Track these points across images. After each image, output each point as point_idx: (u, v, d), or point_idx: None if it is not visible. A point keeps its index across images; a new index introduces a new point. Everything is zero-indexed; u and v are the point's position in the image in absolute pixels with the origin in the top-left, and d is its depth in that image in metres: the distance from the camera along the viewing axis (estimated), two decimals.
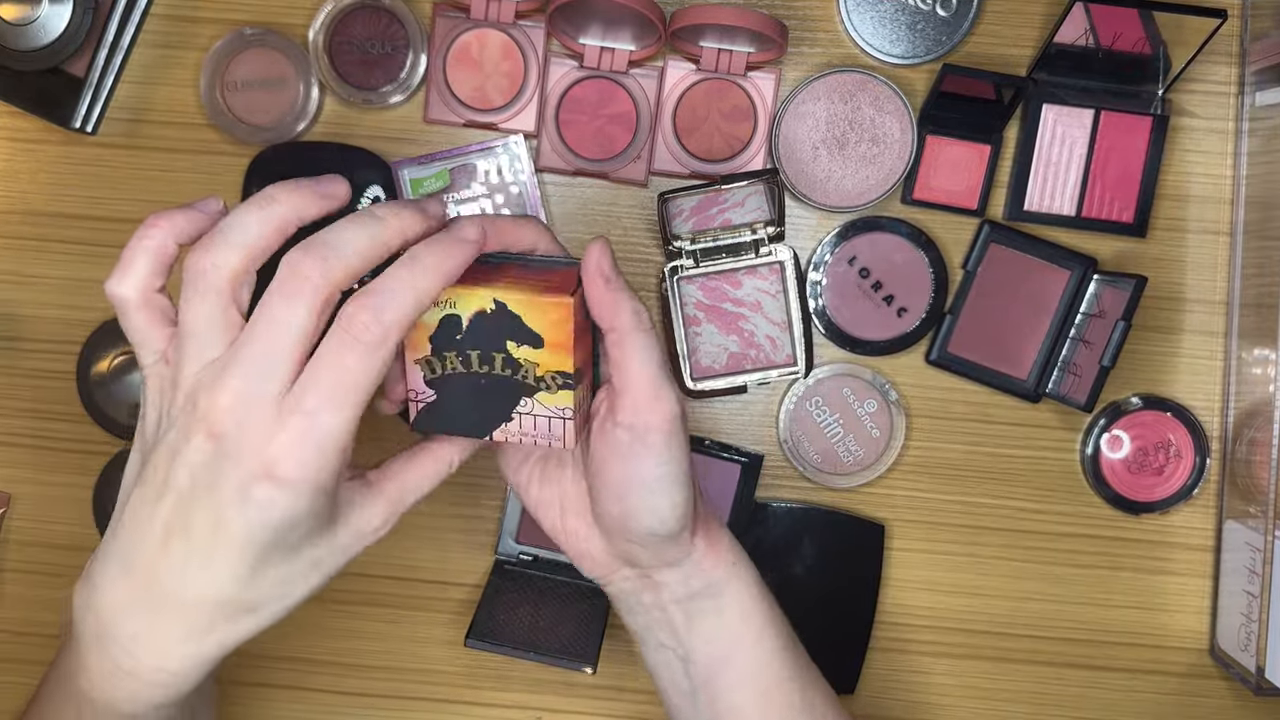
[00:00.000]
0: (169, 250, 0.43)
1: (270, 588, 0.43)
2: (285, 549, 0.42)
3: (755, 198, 0.62)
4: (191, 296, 0.41)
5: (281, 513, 0.40)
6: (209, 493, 0.40)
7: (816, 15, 0.67)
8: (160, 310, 0.43)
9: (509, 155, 0.66)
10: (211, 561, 0.41)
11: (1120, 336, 0.63)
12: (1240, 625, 0.65)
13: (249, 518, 0.40)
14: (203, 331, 0.41)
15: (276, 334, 0.39)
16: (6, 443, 0.69)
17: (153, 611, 0.42)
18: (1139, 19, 0.62)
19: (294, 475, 0.39)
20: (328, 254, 0.40)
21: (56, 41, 0.64)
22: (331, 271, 0.40)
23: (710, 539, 0.51)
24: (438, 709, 0.69)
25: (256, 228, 0.41)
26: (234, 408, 0.39)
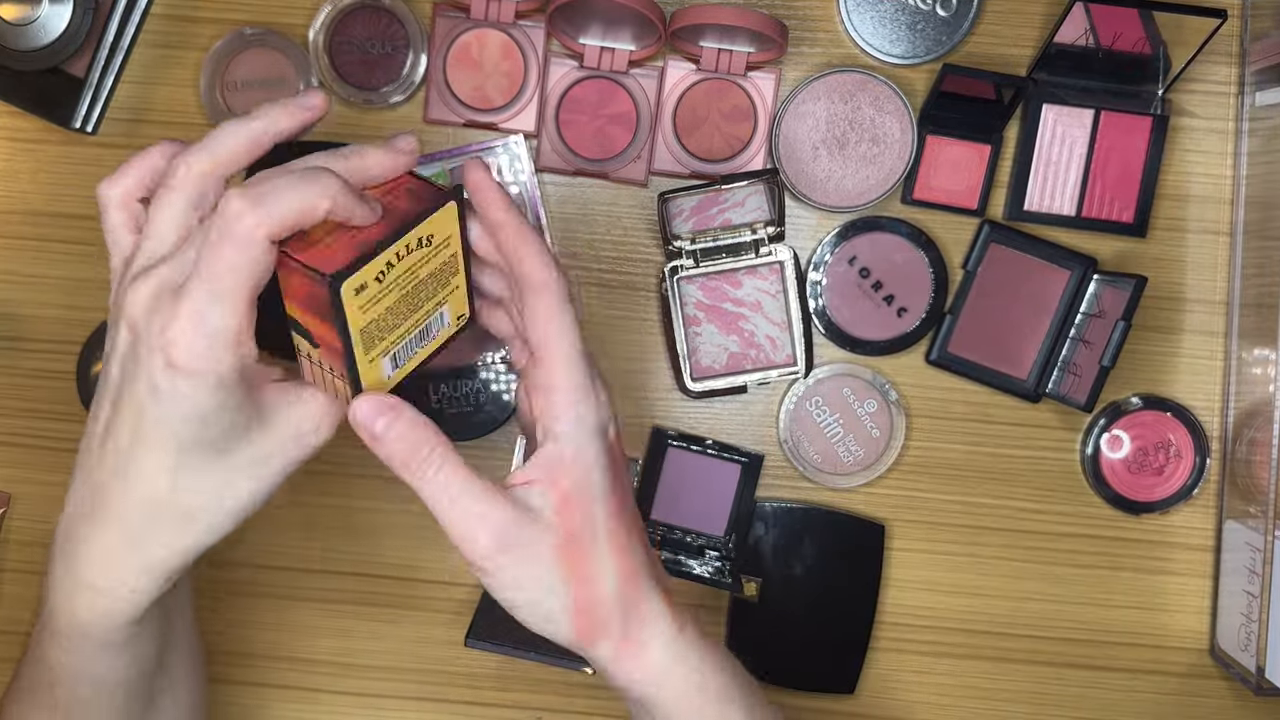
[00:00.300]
0: (160, 171, 0.44)
1: (202, 490, 0.42)
2: (208, 446, 0.41)
3: (755, 198, 0.62)
4: (160, 193, 0.42)
5: (187, 403, 0.40)
6: (130, 385, 0.41)
7: (816, 15, 0.67)
8: (135, 216, 0.45)
9: (509, 155, 0.66)
10: (135, 458, 0.41)
11: (1120, 336, 0.63)
12: (1240, 625, 0.65)
13: (161, 409, 0.40)
14: (159, 229, 0.42)
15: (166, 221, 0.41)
16: (6, 443, 0.69)
17: (98, 517, 0.43)
18: (1139, 19, 0.62)
19: (189, 364, 0.39)
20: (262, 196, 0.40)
21: (56, 41, 0.64)
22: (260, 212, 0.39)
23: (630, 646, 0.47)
24: (438, 709, 0.69)
25: (230, 138, 0.42)
26: (147, 298, 0.40)
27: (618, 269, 0.68)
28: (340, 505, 0.69)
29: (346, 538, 0.69)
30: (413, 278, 0.43)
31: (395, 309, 0.43)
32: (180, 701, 0.53)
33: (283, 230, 0.40)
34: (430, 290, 0.45)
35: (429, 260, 0.44)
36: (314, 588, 0.69)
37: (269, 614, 0.69)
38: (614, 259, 0.68)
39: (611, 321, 0.68)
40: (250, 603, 0.69)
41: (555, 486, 0.45)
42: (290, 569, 0.69)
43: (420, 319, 0.45)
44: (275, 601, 0.69)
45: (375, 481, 0.69)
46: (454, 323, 0.47)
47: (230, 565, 0.69)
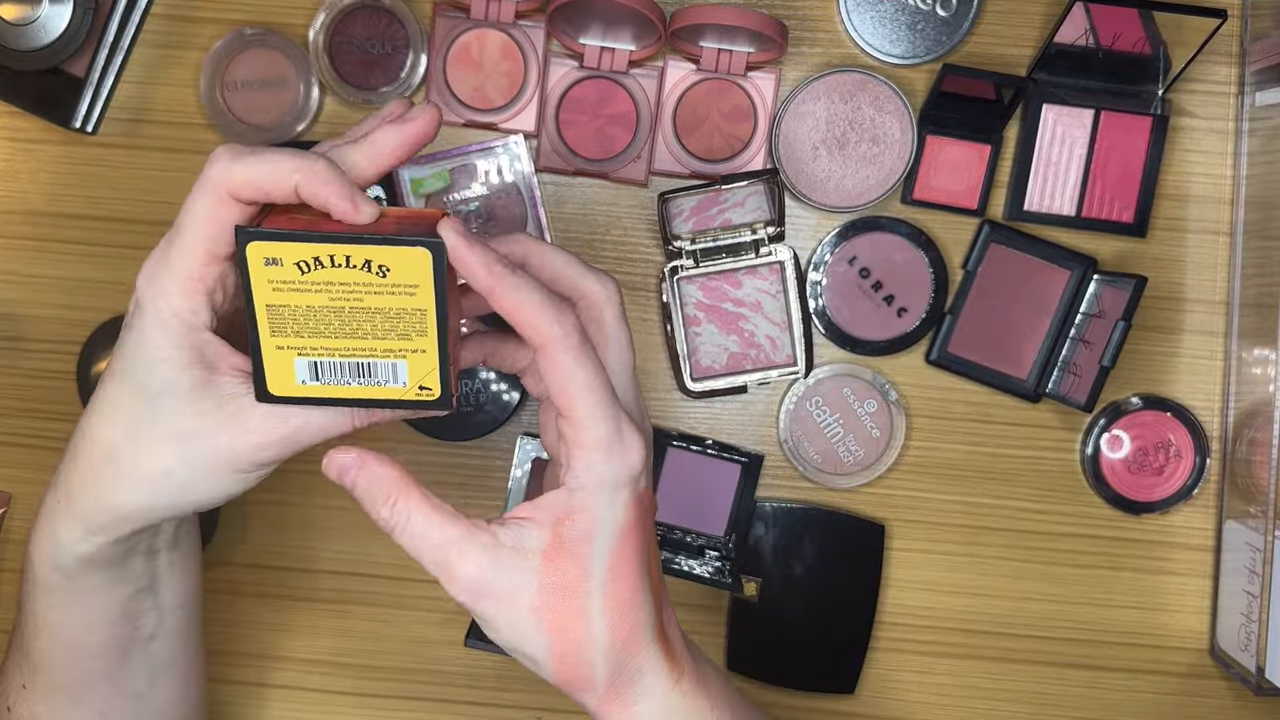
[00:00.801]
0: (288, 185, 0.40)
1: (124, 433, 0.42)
2: (141, 389, 0.42)
3: (755, 198, 0.62)
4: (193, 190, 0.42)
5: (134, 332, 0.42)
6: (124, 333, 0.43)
7: (816, 15, 0.67)
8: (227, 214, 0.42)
9: (509, 155, 0.66)
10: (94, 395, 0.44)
11: (1120, 336, 0.63)
12: (1240, 625, 0.65)
13: (121, 339, 0.42)
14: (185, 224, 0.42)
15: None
16: (6, 443, 0.69)
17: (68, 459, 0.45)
18: (1139, 19, 0.62)
19: (144, 290, 0.41)
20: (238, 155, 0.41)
21: (56, 41, 0.64)
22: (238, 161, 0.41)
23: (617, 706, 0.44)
24: (438, 709, 0.69)
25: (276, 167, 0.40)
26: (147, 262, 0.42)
27: (618, 269, 0.68)
28: (340, 505, 0.69)
29: (346, 538, 0.69)
30: (353, 298, 0.40)
31: (321, 316, 0.41)
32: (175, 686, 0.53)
33: (244, 189, 0.40)
34: (379, 328, 0.41)
35: (381, 293, 0.40)
36: (314, 588, 0.69)
37: (269, 614, 0.69)
38: (614, 259, 0.68)
39: None
40: (250, 603, 0.69)
41: (552, 532, 0.42)
42: (290, 569, 0.69)
43: (361, 350, 0.42)
44: (275, 601, 0.69)
45: None
46: (414, 389, 0.43)
47: (230, 565, 0.69)
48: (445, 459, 0.68)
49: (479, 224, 0.67)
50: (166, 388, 0.42)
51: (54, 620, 0.47)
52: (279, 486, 0.68)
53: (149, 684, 0.51)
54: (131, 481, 0.43)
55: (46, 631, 0.48)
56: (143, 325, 0.41)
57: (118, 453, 0.43)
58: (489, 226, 0.67)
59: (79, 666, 0.49)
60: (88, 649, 0.48)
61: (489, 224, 0.67)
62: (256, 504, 0.69)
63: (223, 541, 0.69)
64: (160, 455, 0.42)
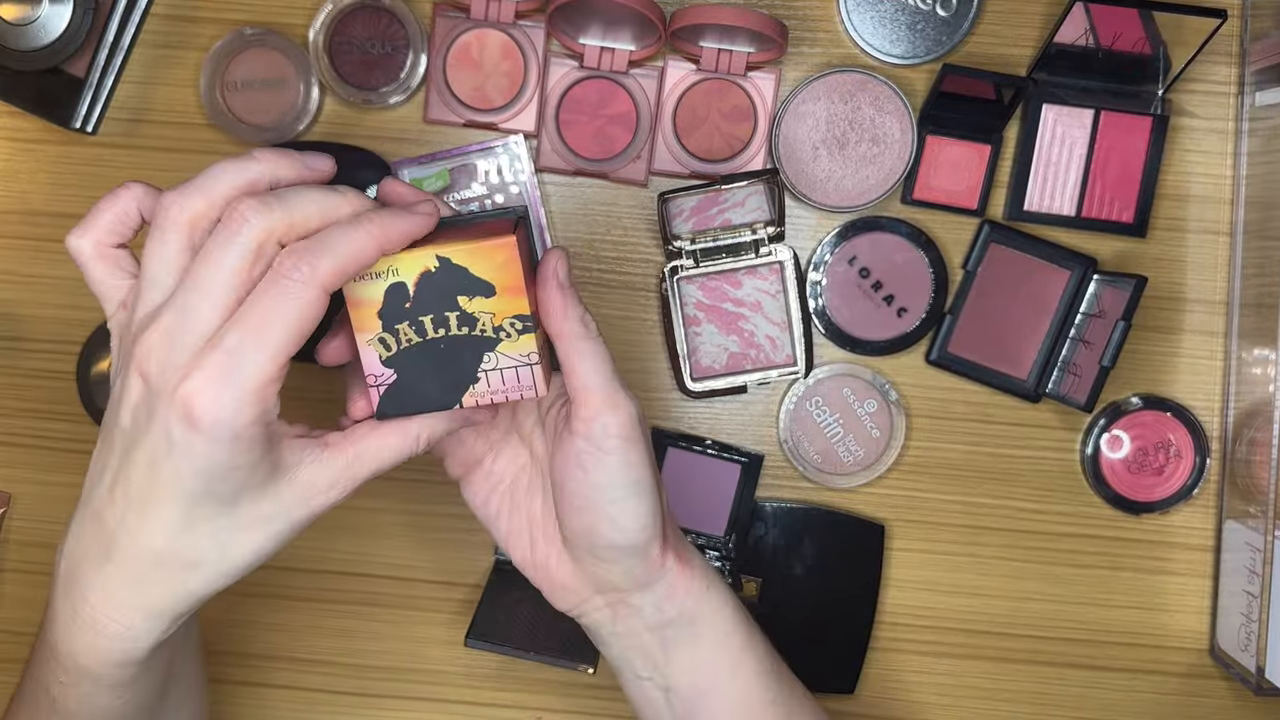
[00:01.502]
0: (131, 215, 0.43)
1: (208, 541, 0.42)
2: (218, 499, 0.41)
3: (755, 198, 0.62)
4: (152, 236, 0.41)
5: (201, 459, 0.39)
6: (144, 434, 0.40)
7: (816, 15, 0.67)
8: (117, 262, 0.44)
9: (509, 155, 0.66)
10: (146, 509, 0.41)
11: (1120, 336, 0.63)
12: (1240, 625, 0.65)
13: (175, 462, 0.39)
14: (157, 273, 0.41)
15: (207, 273, 0.39)
16: (6, 443, 0.69)
17: (104, 559, 0.42)
18: (1139, 19, 0.62)
19: (209, 416, 0.38)
20: (272, 201, 0.40)
21: (56, 41, 0.64)
22: (271, 216, 0.39)
23: (683, 561, 0.50)
24: (438, 709, 0.69)
25: (227, 177, 0.41)
26: (159, 345, 0.39)
27: (618, 269, 0.68)
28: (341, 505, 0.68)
29: (346, 538, 0.69)
30: None
31: None
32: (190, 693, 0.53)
33: (340, 283, 0.40)
34: None
35: None
36: (314, 588, 0.69)
37: (269, 614, 0.69)
38: (614, 259, 0.68)
39: (611, 321, 0.68)
40: (250, 603, 0.69)
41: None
42: (290, 569, 0.69)
43: None
44: (275, 601, 0.69)
45: (376, 482, 0.68)
46: None
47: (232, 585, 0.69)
48: None
49: None
50: (243, 490, 0.41)
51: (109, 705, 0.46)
52: None
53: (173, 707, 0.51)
54: (219, 576, 0.43)
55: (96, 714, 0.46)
56: (209, 443, 0.39)
57: (202, 560, 0.42)
58: None
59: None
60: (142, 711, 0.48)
61: None
62: None
63: None
64: (248, 546, 0.43)
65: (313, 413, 0.69)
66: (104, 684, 0.45)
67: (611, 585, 0.49)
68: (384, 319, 0.43)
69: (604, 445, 0.46)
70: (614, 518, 0.47)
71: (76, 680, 0.45)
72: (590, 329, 0.46)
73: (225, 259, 0.39)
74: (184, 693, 0.52)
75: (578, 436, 0.46)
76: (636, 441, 0.47)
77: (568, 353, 0.46)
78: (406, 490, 0.69)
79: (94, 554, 0.43)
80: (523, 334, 0.44)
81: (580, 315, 0.46)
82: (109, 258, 0.44)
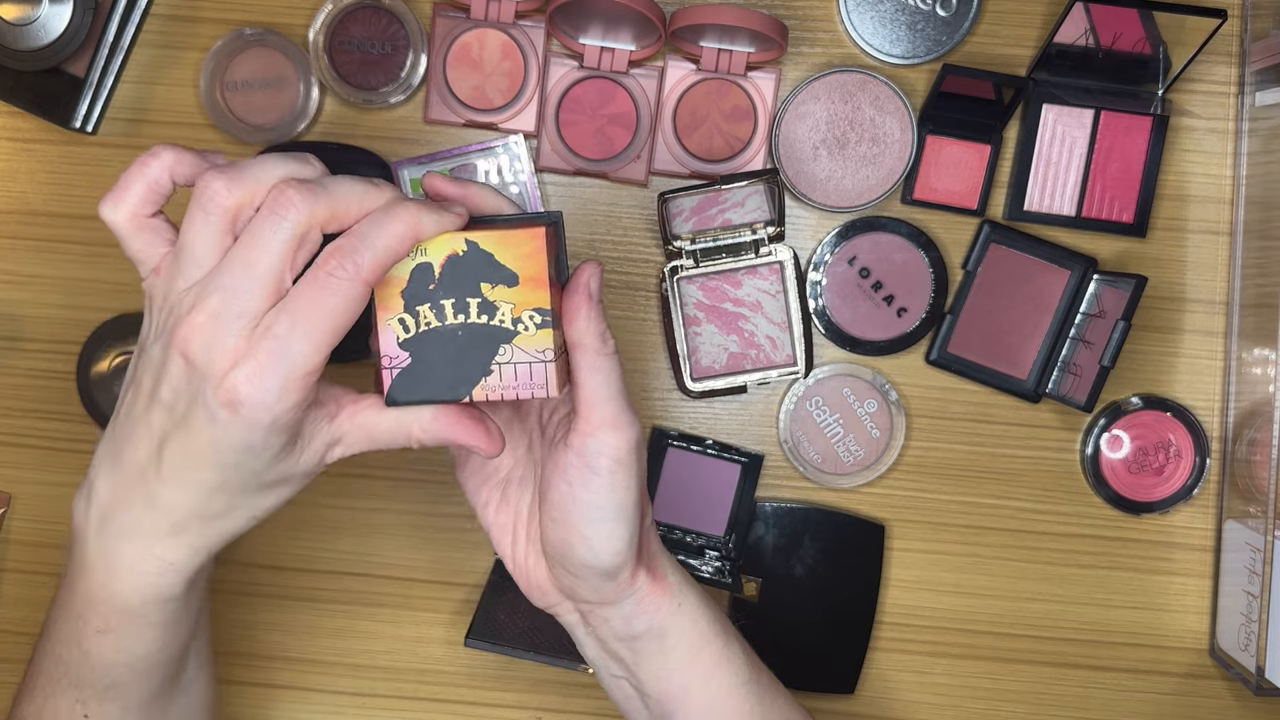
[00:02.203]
0: (164, 184, 0.44)
1: (239, 500, 0.45)
2: (250, 470, 0.43)
3: (755, 198, 0.62)
4: (195, 214, 0.42)
5: (239, 436, 0.41)
6: (188, 408, 0.42)
7: (816, 15, 0.67)
8: (156, 231, 0.45)
9: (509, 155, 0.66)
10: (184, 474, 0.43)
11: (1120, 336, 0.63)
12: (1240, 625, 0.65)
13: (213, 437, 0.42)
14: (197, 249, 0.42)
15: (254, 256, 0.41)
16: (6, 443, 0.69)
17: (144, 509, 0.45)
18: (1139, 19, 0.62)
19: (254, 400, 0.40)
20: (316, 189, 0.41)
21: (56, 41, 0.64)
22: (316, 204, 0.41)
23: (656, 578, 0.50)
24: (438, 709, 0.69)
25: (275, 170, 0.42)
26: (205, 328, 0.41)
27: (618, 269, 0.68)
28: (340, 505, 0.69)
29: (346, 538, 0.69)
30: None
31: None
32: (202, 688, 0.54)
33: (381, 276, 0.42)
34: None
35: None
36: (314, 588, 0.69)
37: (269, 614, 0.69)
38: (614, 259, 0.68)
39: (612, 321, 0.68)
40: (250, 603, 0.69)
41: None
42: (290, 569, 0.69)
43: None
44: (275, 601, 0.69)
45: (375, 482, 0.69)
46: None
47: (230, 565, 0.69)
48: (446, 459, 0.68)
49: None
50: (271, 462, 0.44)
51: (148, 650, 0.48)
52: None
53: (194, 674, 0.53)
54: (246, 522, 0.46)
55: (135, 661, 0.48)
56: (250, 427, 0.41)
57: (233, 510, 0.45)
58: None
59: (155, 684, 0.49)
60: (172, 661, 0.49)
61: None
62: None
63: None
64: (271, 500, 0.46)
65: None
66: (146, 622, 0.46)
67: (580, 597, 0.50)
68: (407, 299, 0.44)
69: (595, 464, 0.46)
70: (588, 537, 0.47)
71: (118, 624, 0.46)
72: (608, 346, 0.46)
73: (272, 243, 0.41)
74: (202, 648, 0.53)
75: (571, 450, 0.46)
76: (628, 467, 0.47)
77: (580, 364, 0.46)
78: (406, 490, 0.69)
79: (131, 503, 0.45)
80: (540, 329, 0.44)
81: (601, 330, 0.46)
82: (146, 228, 0.45)
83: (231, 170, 0.42)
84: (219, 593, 0.69)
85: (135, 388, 0.44)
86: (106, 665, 0.47)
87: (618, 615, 0.50)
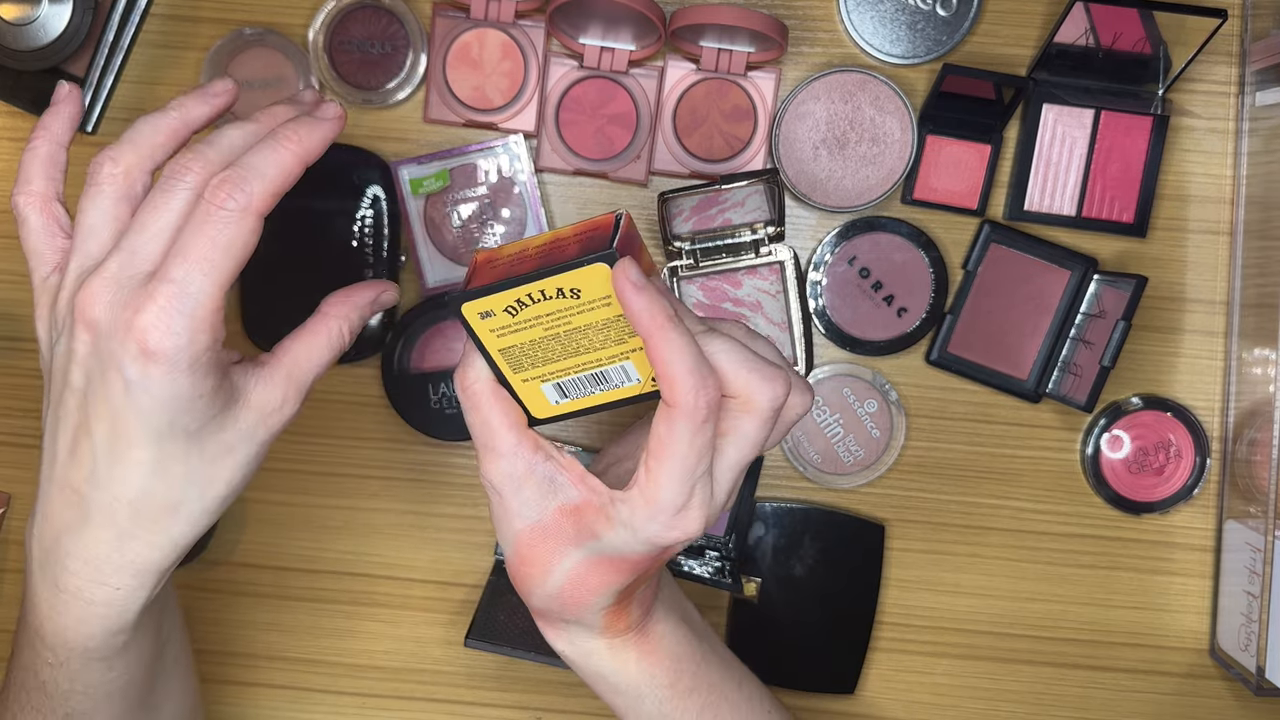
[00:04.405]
0: (59, 157, 0.46)
1: (182, 480, 0.42)
2: (184, 435, 0.41)
3: (755, 198, 0.62)
4: (86, 193, 0.43)
5: (164, 390, 0.40)
6: (99, 384, 0.41)
7: (816, 15, 0.67)
8: (56, 219, 0.45)
9: (509, 155, 0.66)
10: (115, 457, 0.41)
11: (1120, 336, 0.63)
12: (1240, 625, 0.65)
13: (135, 400, 0.40)
14: (94, 223, 0.43)
15: (153, 219, 0.41)
16: (6, 443, 0.69)
17: (81, 524, 0.42)
18: (1139, 19, 0.62)
19: (166, 345, 0.39)
20: (205, 150, 0.42)
21: (56, 41, 0.64)
22: (209, 161, 0.41)
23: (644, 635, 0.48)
24: (437, 709, 0.69)
25: (149, 127, 0.44)
26: (105, 289, 0.40)
27: None
28: (340, 505, 0.69)
29: (346, 538, 0.69)
30: (563, 322, 0.42)
31: (544, 345, 0.43)
32: (177, 703, 0.53)
33: (272, 204, 0.41)
34: (595, 340, 0.43)
35: (584, 312, 0.42)
36: (314, 588, 0.69)
37: (269, 614, 0.69)
38: None
39: None
40: (250, 603, 0.69)
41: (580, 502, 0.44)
42: (290, 569, 0.69)
43: (590, 363, 0.44)
44: (275, 602, 0.69)
45: (375, 482, 0.69)
46: (648, 382, 0.44)
47: (230, 565, 0.69)
48: (445, 458, 0.68)
49: (478, 224, 0.67)
50: (206, 422, 0.42)
51: (103, 679, 0.46)
52: (279, 486, 0.68)
53: (165, 691, 0.51)
54: (199, 516, 0.44)
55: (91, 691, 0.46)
56: (167, 376, 0.40)
57: (182, 500, 0.43)
58: (487, 227, 0.67)
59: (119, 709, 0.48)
60: (134, 685, 0.48)
61: (487, 224, 0.67)
62: (256, 504, 0.69)
63: (222, 541, 0.69)
64: (221, 478, 0.43)
65: (317, 411, 0.69)
66: (94, 656, 0.45)
67: None
68: None
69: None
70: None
71: (65, 659, 0.44)
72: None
73: (171, 203, 0.41)
74: (172, 663, 0.51)
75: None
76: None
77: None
78: (406, 490, 0.69)
79: (69, 522, 0.43)
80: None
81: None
82: (50, 213, 0.45)
83: (114, 144, 0.44)
84: (219, 593, 0.69)
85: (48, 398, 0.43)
86: (63, 694, 0.46)
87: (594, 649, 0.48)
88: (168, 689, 0.51)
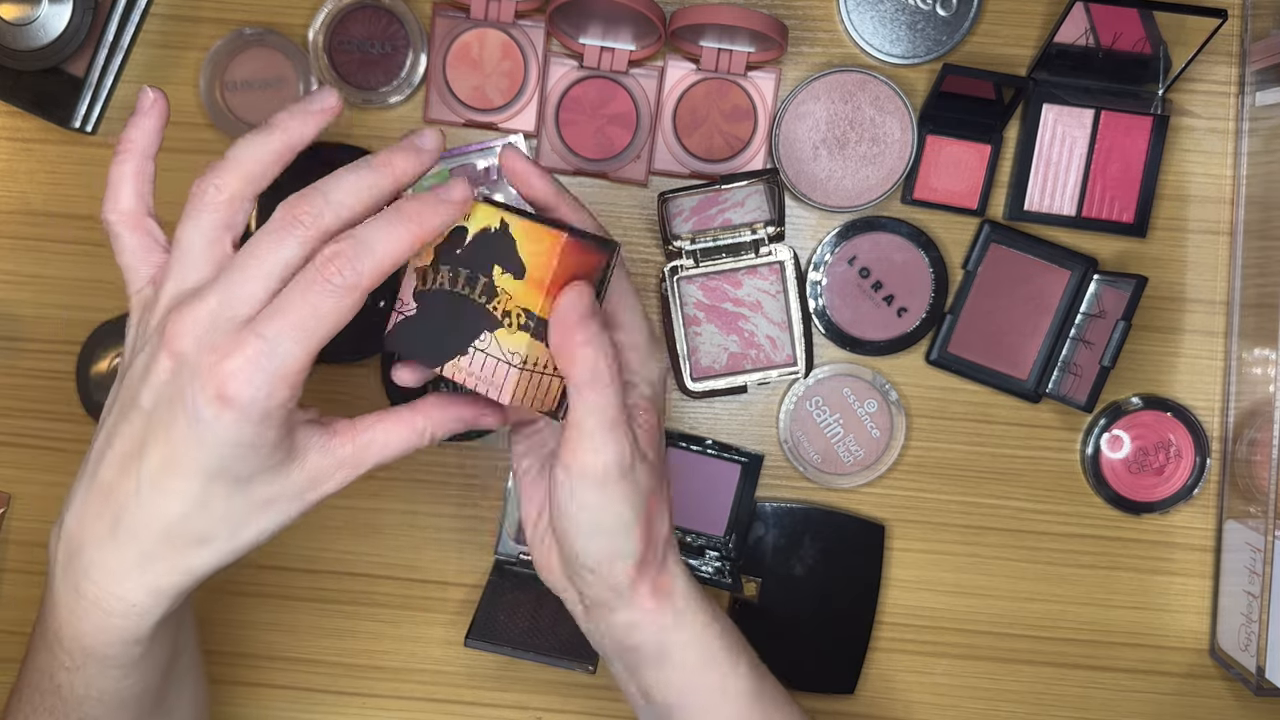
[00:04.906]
0: (147, 170, 0.45)
1: (220, 518, 0.43)
2: (233, 479, 0.42)
3: (755, 198, 0.62)
4: (189, 214, 0.42)
5: (227, 431, 0.40)
6: (167, 412, 0.41)
7: (816, 15, 0.67)
8: (150, 234, 0.45)
9: None
10: (163, 483, 0.42)
11: (1120, 336, 0.63)
12: (1240, 625, 0.65)
13: (198, 437, 0.40)
14: (194, 250, 0.42)
15: (257, 265, 0.41)
16: (6, 443, 0.69)
17: (110, 536, 0.43)
18: (1139, 19, 0.62)
19: (242, 396, 0.39)
20: (320, 200, 0.41)
21: (56, 41, 0.64)
22: (323, 217, 0.41)
23: (660, 595, 0.49)
24: (438, 709, 0.69)
25: (255, 151, 0.43)
26: (197, 326, 0.40)
27: None
28: (341, 505, 0.69)
29: (346, 538, 0.69)
30: None
31: None
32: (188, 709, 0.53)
33: (379, 282, 0.41)
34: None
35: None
36: (314, 588, 0.69)
37: (269, 614, 0.69)
38: None
39: None
40: (250, 603, 0.69)
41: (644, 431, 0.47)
42: (290, 569, 0.69)
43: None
44: (276, 602, 0.69)
45: (375, 481, 0.69)
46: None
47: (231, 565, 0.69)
48: (446, 459, 0.68)
49: None
50: (258, 472, 0.42)
51: (118, 686, 0.46)
52: None
53: (177, 697, 0.51)
54: (225, 554, 0.44)
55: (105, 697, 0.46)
56: (238, 421, 0.40)
57: (212, 537, 0.43)
58: None
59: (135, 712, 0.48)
60: (148, 693, 0.48)
61: None
62: None
63: None
64: (255, 526, 0.44)
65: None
66: (111, 664, 0.45)
67: (582, 591, 0.49)
68: (437, 254, 0.45)
69: (579, 482, 0.45)
70: (574, 544, 0.47)
71: (82, 663, 0.45)
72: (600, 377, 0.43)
73: (279, 252, 0.41)
74: (185, 669, 0.52)
75: (559, 465, 0.45)
76: (614, 487, 0.45)
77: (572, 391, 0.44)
78: (406, 490, 0.69)
79: (98, 532, 0.43)
80: (521, 330, 0.43)
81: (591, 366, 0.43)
82: (143, 228, 0.45)
83: (216, 166, 0.42)
84: (219, 593, 0.69)
85: (114, 407, 0.43)
86: (78, 699, 0.46)
87: (617, 621, 0.49)
88: (180, 696, 0.52)
